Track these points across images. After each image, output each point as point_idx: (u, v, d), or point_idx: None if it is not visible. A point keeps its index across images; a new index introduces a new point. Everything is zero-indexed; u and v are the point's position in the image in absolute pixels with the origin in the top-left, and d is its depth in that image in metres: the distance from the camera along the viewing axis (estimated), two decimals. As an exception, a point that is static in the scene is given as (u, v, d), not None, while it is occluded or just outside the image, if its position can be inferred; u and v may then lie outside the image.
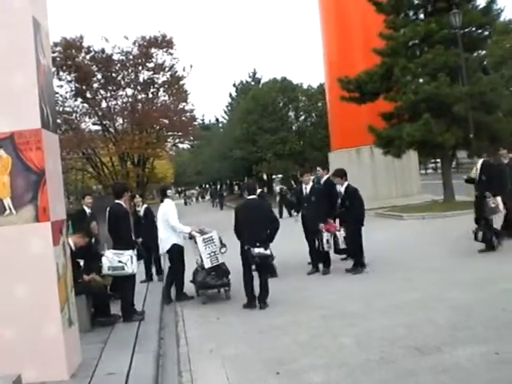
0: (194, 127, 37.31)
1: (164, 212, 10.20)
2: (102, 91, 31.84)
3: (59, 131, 26.31)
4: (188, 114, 34.46)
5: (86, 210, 11.08)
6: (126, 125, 32.42)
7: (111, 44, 45.23)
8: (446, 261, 11.05)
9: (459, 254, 11.31)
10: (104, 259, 8.12)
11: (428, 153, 28.45)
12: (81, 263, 8.35)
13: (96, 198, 21.52)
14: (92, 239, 9.50)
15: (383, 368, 5.56)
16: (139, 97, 32.46)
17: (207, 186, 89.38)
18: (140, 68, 31.77)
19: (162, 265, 12.60)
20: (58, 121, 28.24)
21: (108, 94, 31.95)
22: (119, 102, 32.42)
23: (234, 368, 6.10)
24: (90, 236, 9.17)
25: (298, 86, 49.60)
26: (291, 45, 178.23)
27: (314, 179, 12.40)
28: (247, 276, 9.14)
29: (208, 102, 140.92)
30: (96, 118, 32.56)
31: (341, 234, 10.76)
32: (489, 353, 5.59)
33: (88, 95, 31.66)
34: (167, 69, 32.47)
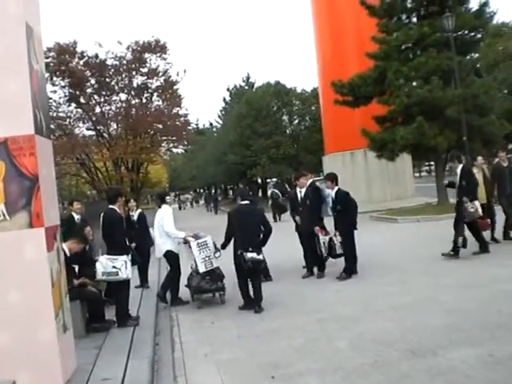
0: (188, 132, 37.24)
1: (161, 217, 10.23)
2: (96, 96, 31.76)
3: (53, 137, 26.26)
4: (182, 119, 34.42)
5: (75, 216, 11.02)
6: (120, 130, 32.34)
7: (105, 49, 45.12)
8: (441, 263, 11.07)
9: (453, 257, 11.31)
10: (98, 265, 8.08)
11: (421, 156, 28.52)
12: (75, 269, 8.33)
13: (90, 204, 21.50)
14: (86, 245, 9.47)
15: (378, 371, 5.56)
16: (133, 102, 32.41)
17: (202, 191, 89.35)
18: (134, 73, 31.73)
19: (158, 269, 12.61)
20: (52, 126, 28.18)
21: (102, 99, 31.90)
22: (113, 107, 32.38)
23: (229, 372, 6.09)
24: (85, 242, 9.14)
25: (292, 90, 49.78)
26: (285, 49, 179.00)
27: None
28: (242, 279, 9.21)
29: (202, 107, 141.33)
30: (90, 124, 32.47)
31: (337, 240, 10.75)
32: (484, 355, 5.62)
33: (82, 100, 31.58)
34: (161, 74, 32.44)
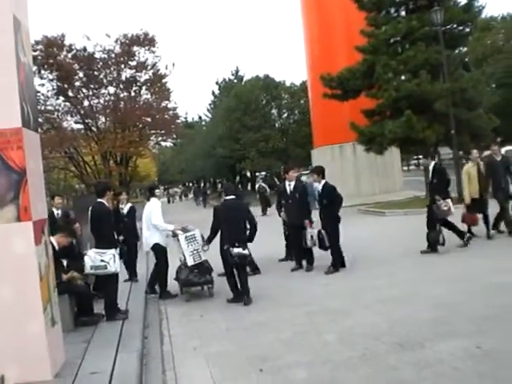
0: (177, 125, 37.18)
1: (150, 211, 10.24)
2: (84, 90, 31.63)
3: (41, 130, 26.11)
4: (171, 112, 34.37)
5: (55, 212, 10.96)
6: (109, 123, 32.24)
7: (93, 42, 44.87)
8: (428, 257, 11.14)
9: (441, 250, 11.39)
10: (86, 258, 8.06)
11: (410, 149, 28.62)
12: (64, 263, 8.29)
13: (78, 198, 21.42)
14: (74, 239, 9.43)
15: (366, 364, 5.60)
16: (121, 95, 32.32)
17: (191, 185, 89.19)
18: (122, 66, 31.62)
19: (146, 262, 12.60)
20: (40, 120, 28.04)
21: (90, 93, 31.77)
22: (101, 101, 32.28)
23: (218, 365, 6.11)
24: (73, 236, 9.11)
25: (281, 84, 49.75)
26: (274, 42, 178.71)
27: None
28: (229, 273, 9.28)
29: (191, 100, 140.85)
30: (78, 117, 32.34)
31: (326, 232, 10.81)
32: (471, 347, 5.66)
33: (70, 94, 31.43)
34: (149, 67, 32.36)
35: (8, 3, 5.54)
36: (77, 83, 31.28)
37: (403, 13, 24.33)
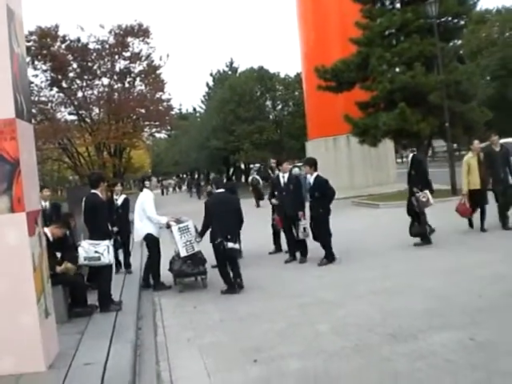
0: (171, 117, 37.05)
1: (142, 202, 10.26)
2: (78, 81, 31.41)
3: (34, 121, 25.99)
4: (165, 104, 34.22)
5: (43, 204, 10.95)
6: (103, 114, 32.09)
7: (87, 33, 44.83)
8: (421, 249, 11.18)
9: (434, 242, 11.41)
10: (80, 250, 8.05)
11: (404, 142, 28.62)
12: (58, 255, 8.27)
13: (72, 189, 21.38)
14: (68, 230, 9.42)
15: (359, 355, 5.63)
16: (115, 86, 32.15)
17: (185, 176, 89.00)
18: (116, 57, 31.42)
19: (140, 254, 12.60)
20: (34, 111, 27.90)
21: (84, 84, 31.55)
22: (95, 92, 32.07)
23: (212, 356, 6.12)
24: (67, 227, 9.09)
25: (275, 75, 49.65)
26: (268, 34, 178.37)
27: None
28: (222, 265, 9.32)
29: (185, 92, 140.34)
30: (72, 108, 32.15)
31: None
32: (464, 339, 5.69)
33: (64, 85, 31.22)
34: (144, 58, 32.17)
35: (1, -7, 5.51)
36: (71, 74, 31.08)
37: (398, 5, 24.24)
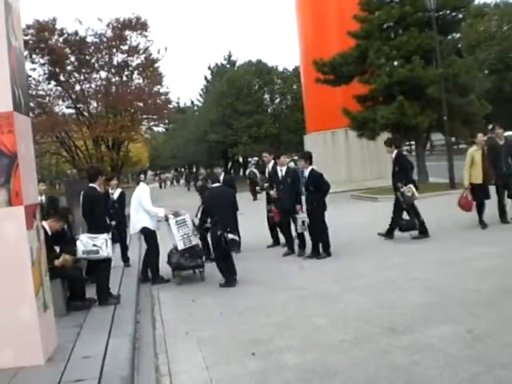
0: (169, 110, 37.05)
1: (138, 195, 10.30)
2: (76, 74, 31.38)
3: (32, 115, 25.91)
4: (163, 97, 34.20)
5: (38, 198, 10.92)
6: (100, 108, 32.07)
7: (85, 26, 44.71)
8: (419, 242, 11.18)
9: (432, 235, 11.41)
10: (78, 243, 8.04)
11: (402, 135, 28.51)
12: (57, 250, 8.26)
13: (71, 182, 21.34)
14: (66, 224, 9.41)
15: (357, 348, 5.63)
16: (113, 80, 32.11)
17: (183, 170, 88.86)
18: (114, 50, 31.38)
19: (139, 247, 12.61)
20: (31, 104, 27.85)
21: (82, 77, 31.53)
22: (93, 85, 32.06)
23: (210, 349, 6.12)
24: (66, 220, 9.08)
25: (274, 69, 49.59)
26: (266, 27, 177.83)
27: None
28: (221, 258, 9.37)
29: (183, 85, 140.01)
30: (70, 102, 32.14)
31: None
32: (462, 332, 5.70)
33: (61, 78, 31.18)
34: (141, 51, 32.14)
35: (-2, -14, 5.48)
36: (68, 67, 31.05)
37: (397, -2, 24.20)
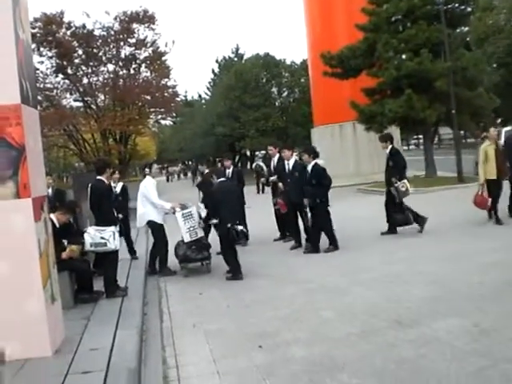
0: (177, 103, 36.97)
1: (143, 189, 10.33)
2: (84, 67, 31.37)
3: (40, 108, 25.99)
4: (170, 90, 34.13)
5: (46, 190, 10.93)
6: (108, 101, 32.05)
7: (92, 19, 44.70)
8: (426, 236, 11.18)
9: (438, 229, 11.41)
10: (86, 236, 8.05)
11: (410, 129, 28.50)
12: (64, 243, 8.27)
13: (78, 175, 21.40)
14: (73, 216, 9.42)
15: (365, 341, 5.63)
16: (121, 73, 32.07)
17: (190, 163, 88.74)
18: (121, 44, 31.33)
19: (146, 240, 12.63)
20: (39, 97, 27.88)
21: (89, 70, 31.51)
22: (100, 78, 32.02)
23: (217, 342, 6.13)
24: (73, 212, 9.09)
25: (281, 62, 49.38)
26: (274, 20, 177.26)
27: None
28: (229, 251, 9.37)
29: (190, 78, 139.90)
30: (77, 95, 32.14)
31: None
32: (468, 325, 5.69)
33: (69, 71, 31.18)
34: (149, 44, 32.06)
35: (6, -22, 5.47)
36: (76, 61, 31.03)
37: (405, -9, 24.06)
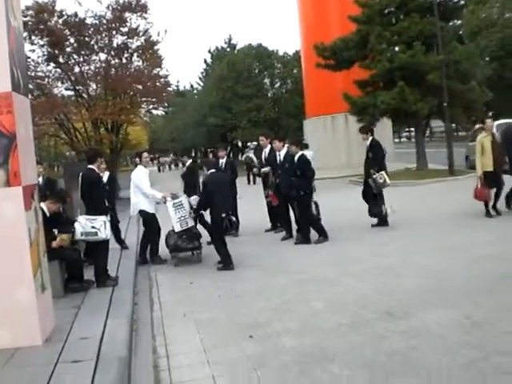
0: (169, 93, 36.73)
1: (135, 178, 10.30)
2: (75, 56, 31.05)
3: (31, 96, 25.77)
4: (162, 80, 33.87)
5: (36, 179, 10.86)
6: (100, 90, 31.80)
7: (84, 8, 44.44)
8: (417, 228, 11.20)
9: (429, 222, 11.44)
10: (77, 225, 8.01)
11: (402, 121, 28.53)
12: (55, 232, 8.23)
13: (69, 164, 21.29)
14: (63, 205, 9.36)
15: (355, 332, 5.64)
16: (113, 62, 31.78)
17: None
18: (114, 32, 31.03)
19: (137, 229, 12.59)
20: (30, 86, 27.64)
21: (81, 59, 31.20)
22: (92, 67, 31.71)
23: (208, 332, 6.13)
24: (63, 201, 9.03)
25: (274, 53, 49.20)
26: (267, 11, 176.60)
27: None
28: (220, 241, 9.35)
29: (183, 68, 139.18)
30: (69, 83, 31.83)
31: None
32: (460, 317, 5.70)
33: (61, 60, 30.88)
34: (141, 33, 31.76)
35: (-3, -35, 5.42)
36: (68, 49, 30.72)
37: (398, -17, 24.01)
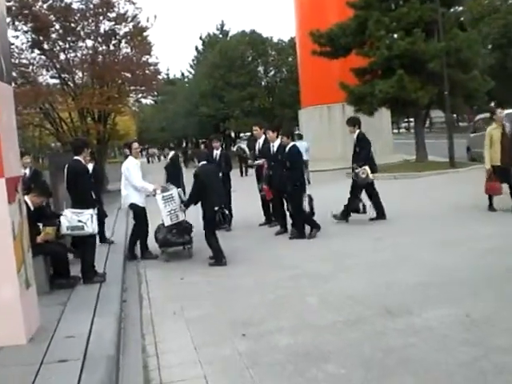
0: (158, 81, 36.41)
1: (125, 170, 10.09)
2: (61, 42, 30.57)
3: (15, 85, 25.36)
4: (152, 68, 33.54)
5: (23, 171, 10.64)
6: (86, 78, 31.42)
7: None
8: (416, 221, 11.08)
9: (429, 215, 11.34)
10: (63, 219, 7.79)
11: (401, 111, 28.30)
12: (39, 226, 8.00)
13: (55, 155, 20.94)
14: (48, 198, 9.11)
15: (351, 329, 5.50)
16: (100, 49, 31.35)
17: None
18: (101, 18, 30.55)
19: (126, 223, 12.43)
20: (14, 74, 27.24)
21: (67, 46, 30.73)
22: (79, 54, 31.28)
23: (199, 329, 5.98)
24: (48, 194, 8.77)
25: (268, 40, 48.91)
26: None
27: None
28: (213, 235, 9.16)
29: (173, 56, 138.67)
30: (54, 71, 31.39)
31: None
32: (460, 315, 5.57)
33: (45, 46, 30.40)
34: (130, 19, 31.32)
35: None
36: (53, 35, 30.20)
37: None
